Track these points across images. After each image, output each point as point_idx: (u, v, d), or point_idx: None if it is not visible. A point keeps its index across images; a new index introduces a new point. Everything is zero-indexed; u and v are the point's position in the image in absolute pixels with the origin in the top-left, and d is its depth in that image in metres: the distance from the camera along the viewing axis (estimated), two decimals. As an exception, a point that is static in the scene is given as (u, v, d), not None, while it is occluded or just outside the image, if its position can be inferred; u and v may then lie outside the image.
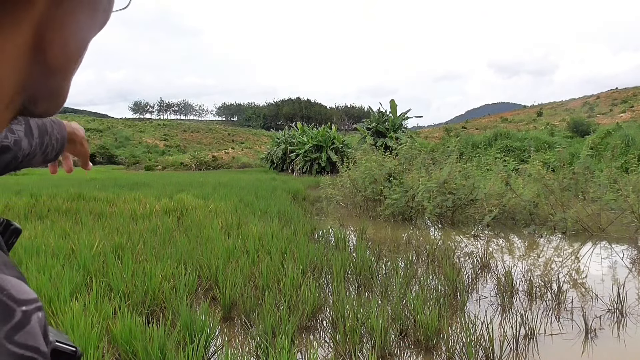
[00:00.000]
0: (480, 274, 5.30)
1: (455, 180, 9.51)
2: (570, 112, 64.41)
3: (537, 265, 6.04)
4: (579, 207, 8.10)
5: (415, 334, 3.46)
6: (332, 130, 30.54)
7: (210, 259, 4.92)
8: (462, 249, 6.92)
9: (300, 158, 29.24)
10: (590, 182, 9.11)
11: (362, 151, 13.39)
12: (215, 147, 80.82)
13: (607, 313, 4.08)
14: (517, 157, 19.76)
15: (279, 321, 3.43)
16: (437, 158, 11.97)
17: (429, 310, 3.64)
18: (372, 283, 4.76)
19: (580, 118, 37.88)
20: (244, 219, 7.98)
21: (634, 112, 48.41)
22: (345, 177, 12.35)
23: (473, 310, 4.02)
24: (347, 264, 5.09)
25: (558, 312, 4.15)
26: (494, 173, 11.06)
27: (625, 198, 7.82)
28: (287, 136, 33.19)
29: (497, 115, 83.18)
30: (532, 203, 8.98)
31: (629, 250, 6.93)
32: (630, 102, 64.12)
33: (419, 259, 6.02)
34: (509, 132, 27.49)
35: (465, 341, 3.23)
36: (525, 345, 3.43)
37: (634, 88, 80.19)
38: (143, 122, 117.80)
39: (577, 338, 3.60)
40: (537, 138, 24.82)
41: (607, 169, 9.90)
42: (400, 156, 11.72)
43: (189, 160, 45.52)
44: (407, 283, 4.59)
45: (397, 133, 27.23)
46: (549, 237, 8.05)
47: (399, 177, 10.56)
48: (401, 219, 9.95)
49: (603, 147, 20.13)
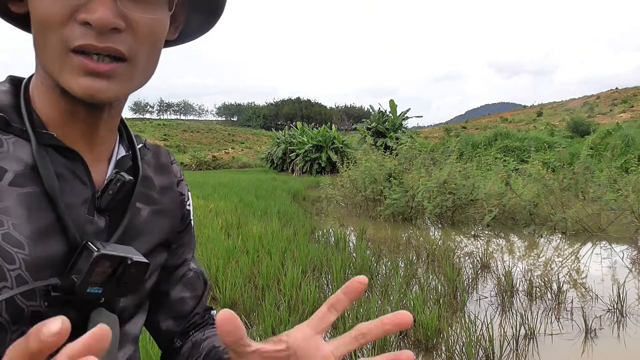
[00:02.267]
0: (480, 274, 5.29)
1: (455, 180, 9.51)
2: (570, 112, 64.43)
3: (537, 265, 6.04)
4: (579, 207, 8.10)
5: (415, 334, 3.45)
6: (332, 130, 30.56)
7: (210, 259, 4.92)
8: (462, 249, 6.92)
9: (300, 158, 29.25)
10: (590, 182, 9.10)
11: (362, 151, 13.41)
12: (215, 147, 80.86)
13: (607, 313, 4.08)
14: (517, 157, 19.74)
15: (279, 321, 3.43)
16: (437, 158, 11.97)
17: (429, 310, 3.64)
18: (372, 283, 4.76)
19: (580, 118, 37.93)
20: (244, 219, 7.98)
21: (634, 112, 48.41)
22: (345, 177, 12.35)
23: (473, 310, 4.02)
24: (347, 264, 5.09)
25: (558, 312, 4.15)
26: (494, 173, 11.06)
27: (625, 198, 7.82)
28: (287, 136, 33.21)
29: (497, 115, 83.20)
30: (532, 203, 8.98)
31: (629, 250, 6.92)
32: (630, 102, 64.13)
33: (419, 259, 6.02)
34: (509, 132, 27.53)
35: (465, 341, 3.23)
36: (525, 345, 3.43)
37: (634, 88, 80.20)
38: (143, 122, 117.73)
39: (577, 338, 3.60)
40: (537, 138, 24.85)
41: (607, 169, 9.90)
42: (400, 156, 11.72)
43: (189, 160, 45.58)
44: (407, 283, 4.59)
45: (397, 133, 27.24)
46: (549, 237, 8.06)
47: (399, 177, 10.55)
48: (401, 219, 9.94)
49: (603, 147, 20.14)
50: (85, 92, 0.48)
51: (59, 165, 0.52)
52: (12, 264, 0.47)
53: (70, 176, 0.53)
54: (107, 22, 0.46)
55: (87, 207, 0.54)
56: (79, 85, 0.48)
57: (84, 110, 0.53)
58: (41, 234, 0.49)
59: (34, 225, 0.49)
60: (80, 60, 0.47)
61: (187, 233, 0.72)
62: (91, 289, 0.48)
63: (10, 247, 0.47)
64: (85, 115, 0.53)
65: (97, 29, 0.46)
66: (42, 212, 0.50)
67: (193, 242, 0.74)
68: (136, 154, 0.61)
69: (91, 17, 0.46)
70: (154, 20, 0.51)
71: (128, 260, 0.49)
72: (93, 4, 0.46)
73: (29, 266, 0.48)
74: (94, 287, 0.48)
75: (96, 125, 0.55)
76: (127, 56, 0.49)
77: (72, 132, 0.54)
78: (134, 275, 0.50)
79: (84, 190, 0.54)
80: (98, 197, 0.55)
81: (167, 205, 0.66)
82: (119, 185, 0.54)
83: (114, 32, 0.48)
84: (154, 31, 0.51)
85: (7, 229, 0.47)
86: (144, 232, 0.60)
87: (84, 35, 0.47)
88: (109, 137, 0.59)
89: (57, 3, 0.46)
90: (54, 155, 0.53)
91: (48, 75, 0.51)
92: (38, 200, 0.50)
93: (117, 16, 0.47)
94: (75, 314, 0.49)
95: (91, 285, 0.48)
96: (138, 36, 0.50)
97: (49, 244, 0.49)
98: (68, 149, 0.53)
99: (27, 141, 0.51)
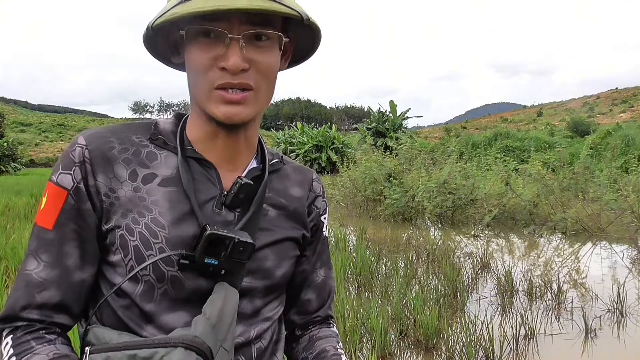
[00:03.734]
0: (480, 274, 5.29)
1: (455, 180, 9.51)
2: (570, 112, 64.42)
3: (537, 265, 6.04)
4: (579, 207, 8.10)
5: (415, 334, 3.45)
6: (332, 130, 30.56)
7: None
8: (462, 249, 6.92)
9: (300, 158, 29.24)
10: (590, 182, 9.10)
11: (362, 151, 13.42)
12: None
13: (607, 313, 4.08)
14: (517, 157, 19.76)
15: (279, 321, 3.42)
16: (437, 158, 11.97)
17: (429, 310, 3.64)
18: (372, 283, 4.76)
19: (580, 118, 37.94)
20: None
21: (634, 112, 48.40)
22: (345, 177, 12.35)
23: (473, 310, 4.01)
24: (347, 264, 5.08)
25: (558, 312, 4.15)
26: (494, 173, 11.06)
27: (625, 198, 7.81)
28: (287, 136, 33.22)
29: (497, 115, 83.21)
30: (532, 203, 8.98)
31: (629, 250, 6.92)
32: (630, 102, 64.15)
33: (419, 259, 6.02)
34: (509, 132, 27.54)
35: (465, 341, 3.23)
36: (525, 345, 3.43)
37: (634, 88, 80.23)
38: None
39: (577, 338, 3.60)
40: (537, 138, 24.86)
41: (607, 169, 9.90)
42: (400, 156, 11.70)
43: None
44: (407, 283, 4.58)
45: (397, 133, 27.24)
46: (549, 237, 8.06)
47: (399, 177, 10.55)
48: (401, 219, 9.94)
49: (603, 147, 20.14)
50: (225, 116, 0.67)
51: (196, 172, 0.73)
52: (156, 239, 0.68)
53: (204, 180, 0.73)
54: (238, 66, 0.65)
55: (215, 202, 0.72)
56: (220, 111, 0.67)
57: (223, 132, 0.72)
58: (178, 220, 0.69)
59: (173, 214, 0.69)
60: (220, 94, 0.67)
61: (319, 243, 0.89)
62: (208, 260, 0.66)
63: (155, 227, 0.68)
64: (225, 135, 0.72)
65: (231, 72, 0.65)
66: (180, 204, 0.70)
67: (326, 254, 0.92)
68: (265, 167, 0.78)
69: (227, 64, 0.65)
70: (269, 60, 0.69)
71: (235, 238, 0.66)
72: (227, 55, 0.65)
73: (169, 242, 0.68)
74: (211, 258, 0.66)
75: (233, 144, 0.74)
76: (253, 87, 0.67)
77: (213, 148, 0.74)
78: (242, 252, 0.68)
79: (214, 190, 0.73)
80: (224, 195, 0.73)
81: (295, 211, 0.82)
82: (237, 186, 0.71)
83: (243, 72, 0.66)
84: (270, 67, 0.69)
85: (155, 215, 0.68)
86: (270, 228, 0.77)
87: (223, 76, 0.66)
88: (245, 153, 0.77)
89: (204, 55, 0.66)
90: (194, 164, 0.73)
91: (198, 106, 0.71)
92: (178, 196, 0.70)
93: (244, 61, 0.65)
94: (205, 282, 0.69)
95: (208, 256, 0.66)
96: (260, 72, 0.68)
97: (184, 227, 0.69)
98: (205, 160, 0.73)
99: (176, 155, 0.72)
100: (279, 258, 0.77)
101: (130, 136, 0.72)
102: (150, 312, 0.68)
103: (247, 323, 0.74)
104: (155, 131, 0.74)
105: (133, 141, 0.72)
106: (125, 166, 0.69)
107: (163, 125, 0.76)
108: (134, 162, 0.70)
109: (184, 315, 0.68)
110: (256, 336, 0.75)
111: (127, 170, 0.69)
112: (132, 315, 0.68)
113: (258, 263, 0.74)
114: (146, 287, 0.68)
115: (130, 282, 0.68)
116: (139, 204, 0.68)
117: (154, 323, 0.68)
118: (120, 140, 0.71)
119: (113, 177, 0.69)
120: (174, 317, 0.68)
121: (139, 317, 0.68)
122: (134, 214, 0.68)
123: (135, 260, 0.67)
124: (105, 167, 0.68)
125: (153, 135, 0.74)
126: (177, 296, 0.69)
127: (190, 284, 0.69)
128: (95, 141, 0.69)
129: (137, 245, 0.67)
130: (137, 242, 0.67)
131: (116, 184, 0.69)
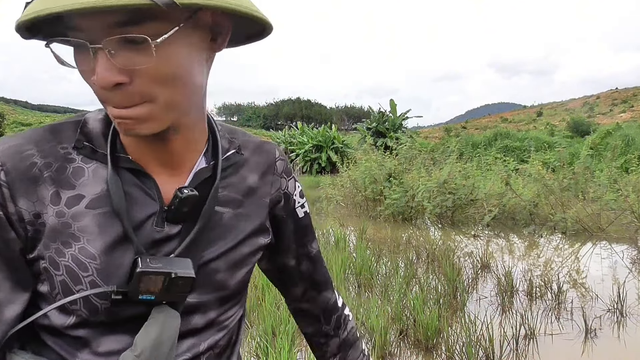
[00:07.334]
0: (480, 274, 5.29)
1: (455, 180, 9.51)
2: (570, 112, 64.44)
3: (537, 265, 6.04)
4: (579, 207, 8.09)
5: (415, 334, 3.45)
6: (332, 130, 30.53)
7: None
8: (462, 249, 6.92)
9: (300, 158, 29.24)
10: (590, 182, 9.09)
11: (362, 151, 13.39)
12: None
13: (607, 313, 4.08)
14: (517, 157, 19.73)
15: (279, 321, 3.43)
16: (437, 158, 11.98)
17: (429, 310, 3.64)
18: (372, 283, 4.76)
19: (580, 118, 37.97)
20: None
21: (634, 112, 48.41)
22: (345, 177, 12.35)
23: (473, 310, 4.02)
24: (347, 264, 5.08)
25: (558, 312, 4.15)
26: (494, 173, 11.05)
27: (625, 198, 7.81)
28: (287, 136, 33.21)
29: (497, 115, 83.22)
30: (532, 203, 8.97)
31: (629, 250, 6.92)
32: (630, 102, 64.17)
33: (419, 259, 6.02)
34: (509, 132, 27.55)
35: (465, 341, 3.23)
36: (525, 345, 3.43)
37: (634, 88, 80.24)
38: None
39: (577, 338, 3.60)
40: (537, 138, 24.85)
41: (607, 169, 9.89)
42: (400, 156, 11.70)
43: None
44: (407, 283, 4.58)
45: (397, 133, 27.22)
46: (549, 237, 8.05)
47: (399, 177, 10.55)
48: (401, 219, 9.94)
49: (603, 147, 20.13)
50: (124, 131, 0.56)
51: (130, 185, 0.61)
52: (86, 272, 0.58)
53: (140, 194, 0.61)
54: (107, 82, 0.50)
55: (155, 219, 0.61)
56: (119, 125, 0.56)
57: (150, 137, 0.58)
58: (111, 247, 0.59)
59: (105, 240, 0.59)
60: (109, 109, 0.54)
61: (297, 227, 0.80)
62: (143, 296, 0.58)
63: (84, 258, 0.58)
64: (152, 139, 0.60)
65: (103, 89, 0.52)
66: (112, 228, 0.59)
67: (310, 233, 0.83)
68: (217, 165, 0.66)
69: (96, 80, 0.51)
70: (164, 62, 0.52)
71: (172, 274, 0.58)
72: (96, 68, 0.50)
73: (101, 274, 0.58)
74: (146, 294, 0.58)
75: (165, 146, 0.62)
76: (145, 100, 0.53)
77: (146, 153, 0.62)
78: (181, 286, 0.59)
79: (153, 206, 0.61)
80: (165, 210, 0.62)
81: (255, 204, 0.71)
82: (177, 201, 0.61)
83: (122, 86, 0.52)
84: (167, 70, 0.52)
85: (83, 244, 0.58)
86: (223, 235, 0.67)
87: (102, 92, 0.53)
88: (186, 153, 0.64)
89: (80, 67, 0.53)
90: (128, 176, 0.61)
91: None
92: (109, 219, 0.59)
93: (119, 73, 0.51)
94: (144, 308, 0.60)
95: (142, 293, 0.58)
96: (153, 80, 0.52)
97: (117, 255, 0.59)
98: (141, 170, 0.61)
99: (107, 166, 0.60)
100: (233, 266, 0.68)
101: (55, 147, 0.60)
102: (85, 337, 0.60)
103: (197, 337, 0.66)
104: (82, 136, 0.61)
105: (57, 154, 0.60)
106: (48, 187, 0.58)
107: (92, 124, 0.62)
108: (57, 182, 0.58)
109: (123, 338, 0.61)
110: (207, 348, 0.67)
111: (49, 192, 0.58)
112: (63, 343, 0.61)
113: (208, 277, 0.65)
114: (78, 320, 0.60)
115: (60, 314, 0.60)
116: (63, 232, 0.58)
117: (89, 348, 0.60)
118: (43, 153, 0.59)
119: (37, 200, 0.57)
120: (112, 341, 0.61)
121: (71, 344, 0.60)
122: (58, 244, 0.57)
123: (64, 296, 0.58)
124: (27, 190, 0.57)
125: (78, 143, 0.61)
126: (114, 321, 0.61)
127: (127, 313, 0.60)
128: (11, 159, 0.57)
129: (64, 280, 0.58)
130: (64, 277, 0.58)
131: (41, 207, 0.57)
